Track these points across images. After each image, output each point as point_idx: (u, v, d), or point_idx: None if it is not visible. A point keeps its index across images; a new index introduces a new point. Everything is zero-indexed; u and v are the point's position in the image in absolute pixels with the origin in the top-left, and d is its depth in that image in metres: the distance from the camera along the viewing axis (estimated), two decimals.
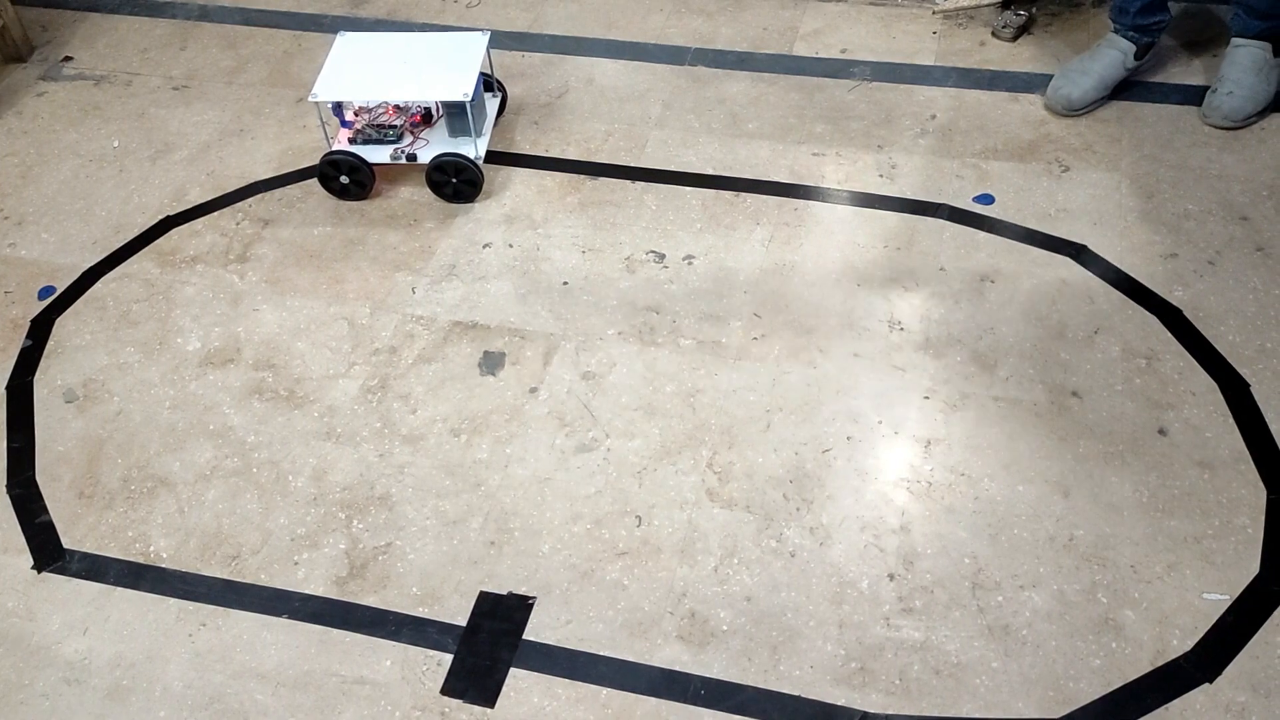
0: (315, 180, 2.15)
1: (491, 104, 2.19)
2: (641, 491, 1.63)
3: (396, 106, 2.14)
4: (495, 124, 2.21)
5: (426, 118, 2.15)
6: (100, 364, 1.88)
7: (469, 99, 2.00)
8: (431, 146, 2.11)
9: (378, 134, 2.12)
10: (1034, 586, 1.47)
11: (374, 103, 2.13)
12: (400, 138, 2.13)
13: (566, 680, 1.43)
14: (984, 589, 1.48)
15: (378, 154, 2.11)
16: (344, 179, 2.09)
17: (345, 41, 2.14)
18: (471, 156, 2.06)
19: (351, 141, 2.12)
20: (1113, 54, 2.12)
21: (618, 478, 1.65)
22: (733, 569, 1.53)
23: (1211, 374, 1.69)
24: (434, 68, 2.07)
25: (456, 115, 2.09)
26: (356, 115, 2.14)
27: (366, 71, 2.08)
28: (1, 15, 2.49)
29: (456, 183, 2.08)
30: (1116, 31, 2.14)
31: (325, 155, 2.08)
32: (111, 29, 2.66)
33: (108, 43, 2.62)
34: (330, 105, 2.12)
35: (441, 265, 1.99)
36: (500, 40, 2.50)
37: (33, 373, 1.89)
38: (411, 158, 2.11)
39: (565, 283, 1.94)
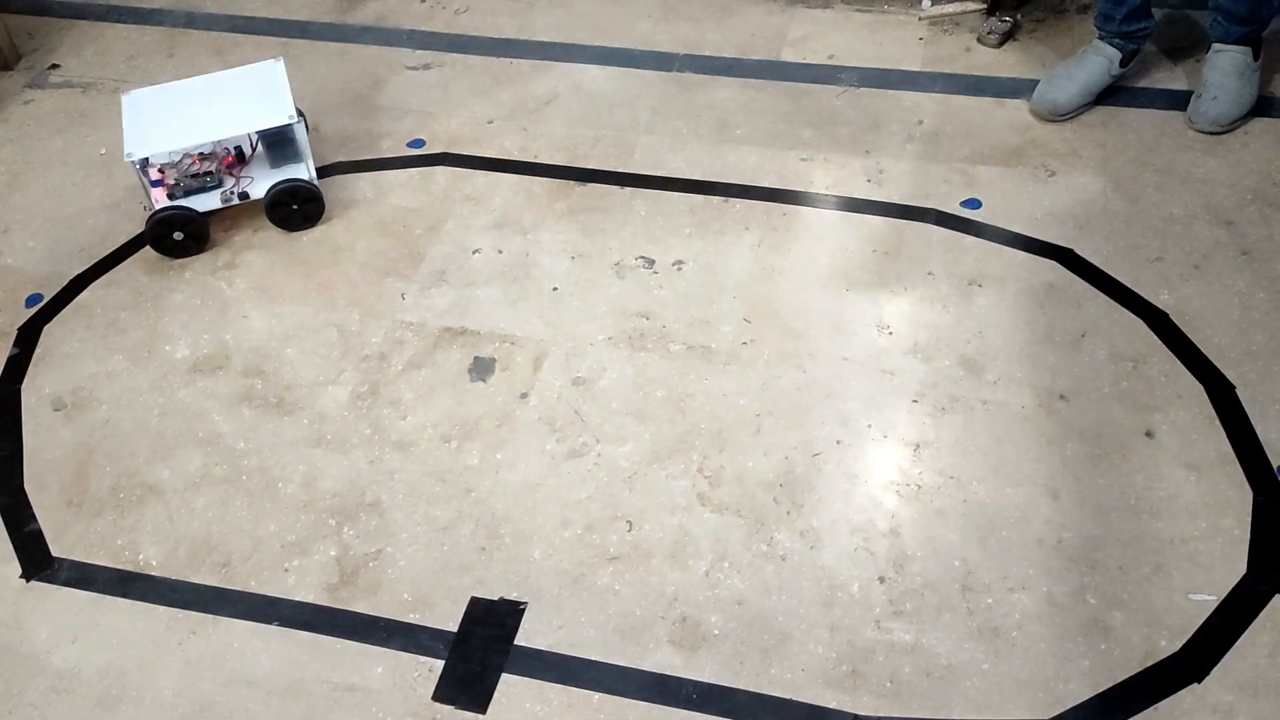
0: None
1: (299, 129, 2.06)
2: (632, 496, 1.63)
3: (201, 154, 2.04)
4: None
5: (240, 157, 2.08)
6: (88, 372, 1.88)
7: (295, 120, 1.99)
8: (260, 181, 2.06)
9: (197, 184, 2.03)
10: (1023, 588, 1.48)
11: (178, 155, 2.02)
12: (221, 182, 2.06)
13: (558, 685, 1.43)
14: (974, 591, 1.48)
15: (207, 201, 2.04)
16: (177, 234, 2.00)
17: (134, 99, 2.06)
18: (306, 179, 2.04)
19: (171, 197, 2.02)
20: (1098, 60, 2.14)
21: (608, 483, 1.65)
22: (723, 573, 1.53)
23: (1198, 377, 1.70)
24: (246, 100, 2.04)
25: (279, 143, 2.05)
26: (163, 172, 2.03)
27: (175, 119, 2.01)
28: None
29: (298, 208, 2.05)
30: (1101, 38, 2.15)
31: (153, 215, 1.97)
32: (99, 36, 2.66)
33: (95, 50, 2.61)
34: (137, 165, 1.99)
35: (431, 271, 1.99)
36: (489, 47, 2.51)
37: (20, 381, 1.88)
38: (244, 196, 2.05)
39: (555, 288, 1.94)
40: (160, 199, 2.02)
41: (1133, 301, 1.82)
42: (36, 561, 1.62)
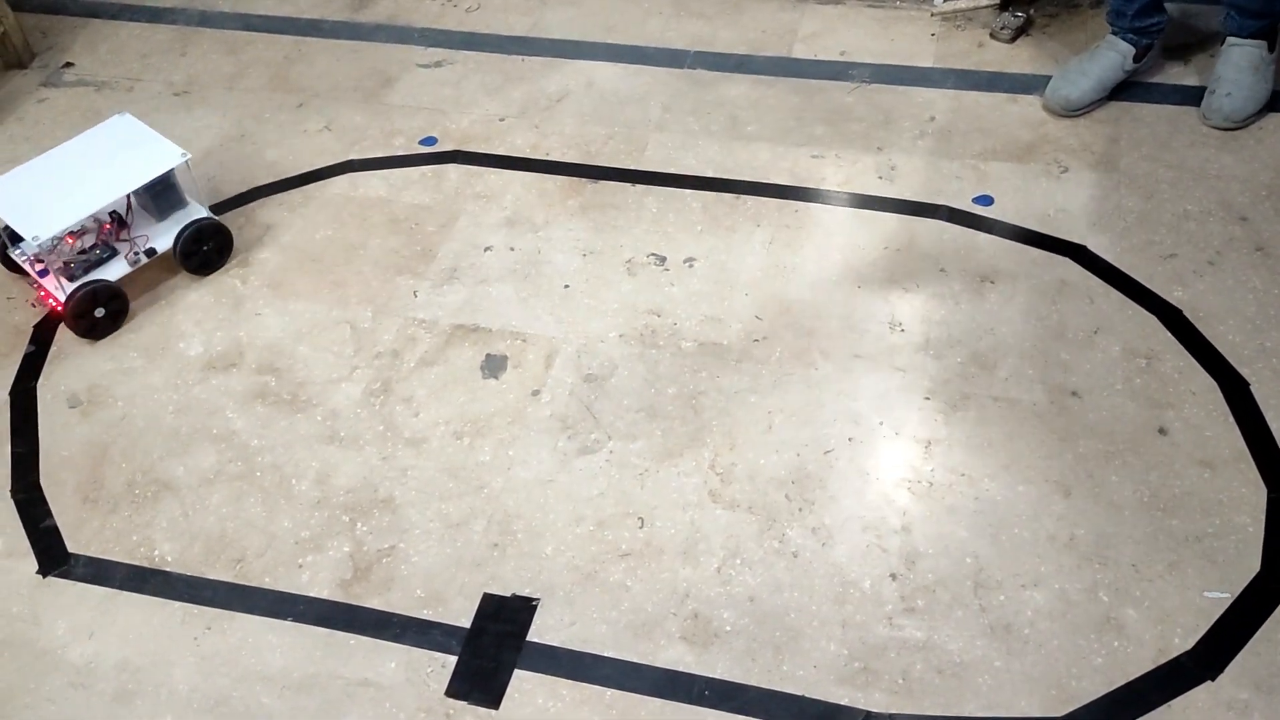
0: (313, 186, 2.16)
1: (180, 171, 1.99)
2: (644, 493, 1.63)
3: (73, 233, 1.90)
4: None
5: (120, 222, 1.97)
6: (103, 369, 1.89)
7: (188, 155, 1.95)
8: (157, 235, 1.98)
9: (92, 258, 1.93)
10: (1035, 586, 1.48)
11: (47, 241, 1.85)
12: (115, 250, 1.96)
13: (571, 681, 1.44)
14: (986, 588, 1.48)
15: (113, 270, 1.94)
16: (100, 311, 1.90)
17: None
18: (205, 215, 2.00)
19: (73, 278, 1.90)
20: (1112, 56, 2.13)
21: (620, 480, 1.65)
22: (735, 570, 1.53)
23: (1211, 373, 1.69)
24: (121, 156, 1.96)
25: (161, 192, 1.97)
26: (41, 260, 1.90)
27: (59, 193, 1.90)
28: (2, 22, 2.50)
29: (208, 250, 2.00)
30: (1115, 34, 2.14)
31: (72, 295, 1.86)
32: (112, 35, 2.67)
33: (109, 49, 2.63)
34: (27, 255, 1.92)
35: (443, 269, 2.00)
36: (501, 44, 2.51)
37: (36, 378, 1.89)
38: (151, 253, 1.97)
39: (566, 285, 1.95)
40: (62, 284, 1.90)
41: (1146, 298, 1.81)
42: (53, 557, 1.64)
